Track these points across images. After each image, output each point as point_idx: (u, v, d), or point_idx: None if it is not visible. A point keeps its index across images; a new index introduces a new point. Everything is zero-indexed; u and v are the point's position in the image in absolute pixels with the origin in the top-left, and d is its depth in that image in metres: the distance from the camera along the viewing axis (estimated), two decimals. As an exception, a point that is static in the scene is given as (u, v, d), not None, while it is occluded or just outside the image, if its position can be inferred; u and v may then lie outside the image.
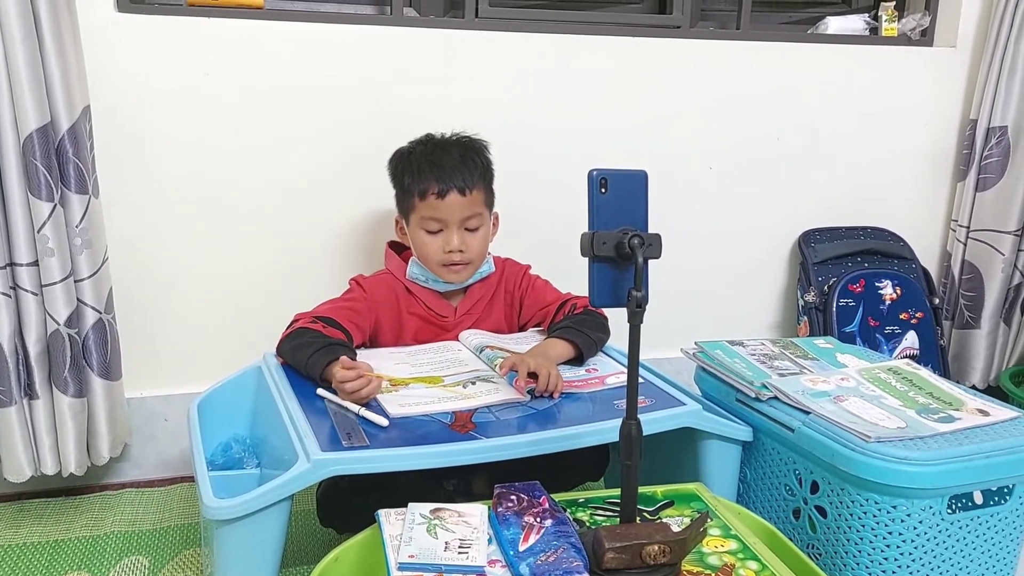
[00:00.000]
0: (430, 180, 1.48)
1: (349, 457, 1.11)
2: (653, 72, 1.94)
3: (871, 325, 2.01)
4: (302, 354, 1.37)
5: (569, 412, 1.28)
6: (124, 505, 1.66)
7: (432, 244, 1.50)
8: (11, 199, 1.44)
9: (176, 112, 1.67)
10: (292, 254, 1.80)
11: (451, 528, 1.05)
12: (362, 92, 1.77)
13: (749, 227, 2.10)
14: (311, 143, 1.76)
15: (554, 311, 1.56)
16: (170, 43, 1.64)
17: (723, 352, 1.50)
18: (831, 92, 2.08)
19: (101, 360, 1.58)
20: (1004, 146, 2.08)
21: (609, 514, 1.14)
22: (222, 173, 1.72)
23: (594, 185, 0.99)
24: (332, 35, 1.73)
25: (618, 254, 0.99)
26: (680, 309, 2.04)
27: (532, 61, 1.86)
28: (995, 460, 1.18)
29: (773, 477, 1.35)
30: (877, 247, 2.11)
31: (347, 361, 1.32)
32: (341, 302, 1.54)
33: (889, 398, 1.32)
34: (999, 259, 2.10)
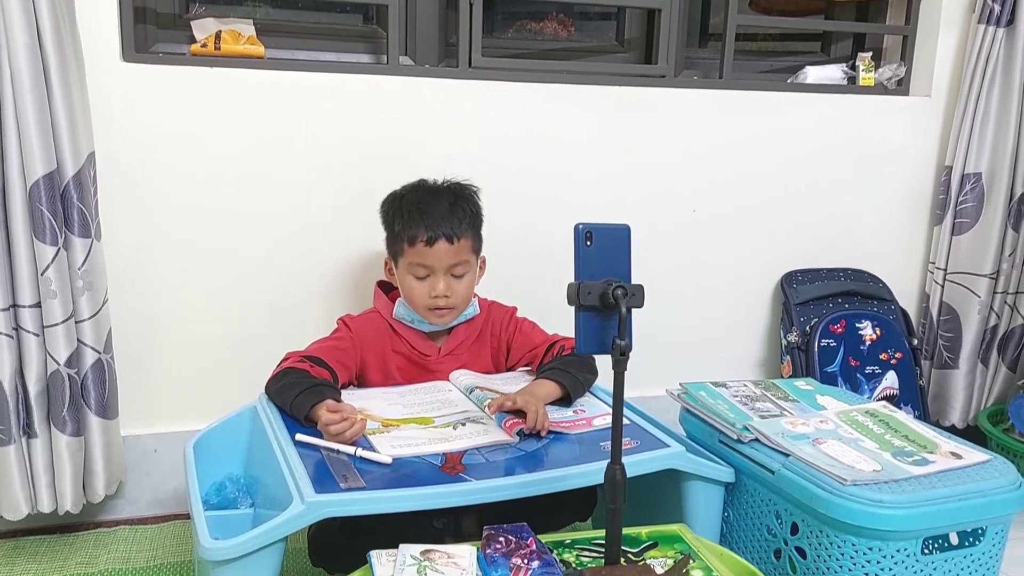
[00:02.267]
0: (419, 227, 1.53)
1: (343, 499, 1.14)
2: (639, 119, 2.00)
3: (852, 365, 2.06)
4: (288, 395, 1.42)
5: (556, 453, 1.32)
6: (118, 543, 1.69)
7: (419, 289, 1.55)
8: (16, 242, 1.48)
9: (177, 158, 1.72)
10: (286, 295, 1.84)
11: (440, 569, 1.08)
12: (358, 138, 1.82)
13: (733, 268, 2.16)
14: (307, 187, 1.81)
15: (543, 352, 1.61)
16: (172, 91, 1.70)
17: (707, 393, 1.55)
18: (811, 139, 2.15)
19: (99, 399, 1.61)
20: (978, 192, 2.15)
21: (595, 555, 1.17)
22: (220, 217, 1.77)
23: (580, 238, 1.04)
24: (330, 84, 1.79)
25: (603, 304, 1.04)
26: (667, 348, 2.09)
27: (523, 109, 1.92)
28: (967, 503, 1.23)
29: (754, 518, 1.39)
30: (857, 288, 2.16)
31: (332, 404, 1.36)
32: (329, 341, 1.58)
33: (866, 441, 1.37)
34: (976, 301, 2.16)
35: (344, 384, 1.56)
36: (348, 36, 1.97)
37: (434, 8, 1.96)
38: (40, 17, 1.46)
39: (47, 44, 1.47)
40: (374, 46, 1.95)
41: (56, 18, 1.48)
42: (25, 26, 1.44)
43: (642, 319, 1.98)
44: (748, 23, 2.22)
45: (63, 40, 1.49)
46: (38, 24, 1.46)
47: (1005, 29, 2.09)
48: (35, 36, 1.46)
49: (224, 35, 1.77)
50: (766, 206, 2.15)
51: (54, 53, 1.48)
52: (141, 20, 1.76)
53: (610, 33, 2.19)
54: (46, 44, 1.47)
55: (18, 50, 1.44)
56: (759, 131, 2.10)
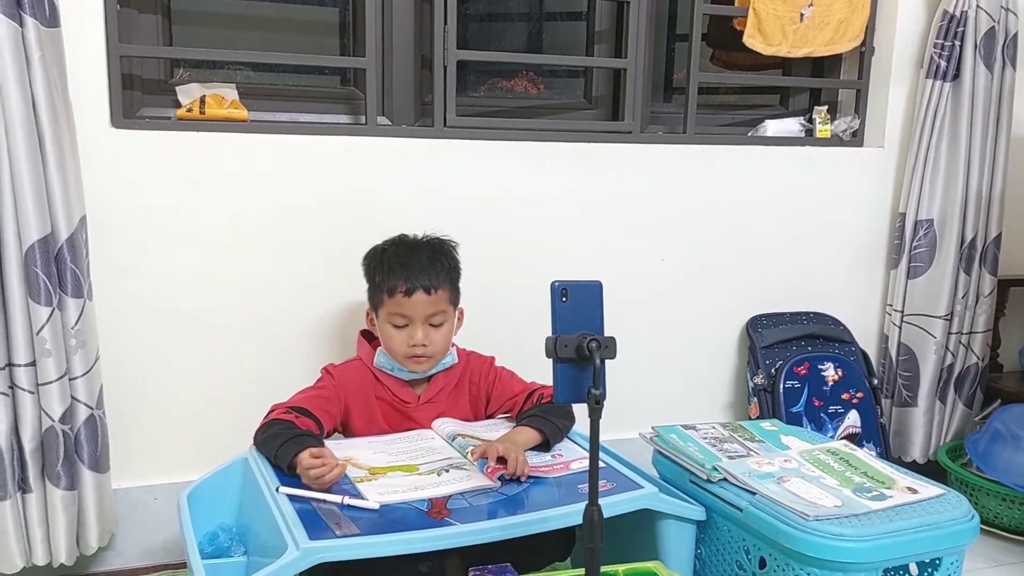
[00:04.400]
0: (399, 279, 1.61)
1: (336, 545, 1.20)
2: (608, 174, 2.10)
3: (816, 405, 2.15)
4: (272, 445, 1.48)
5: (536, 497, 1.39)
6: (109, 594, 1.72)
7: (397, 337, 1.63)
8: (12, 304, 1.54)
9: (164, 220, 1.79)
10: (272, 347, 1.90)
11: (431, 609, 1.14)
12: (339, 197, 1.90)
13: (700, 315, 2.25)
14: (291, 246, 1.88)
15: (522, 400, 1.68)
16: (159, 156, 1.77)
17: (677, 436, 1.63)
18: (772, 189, 2.26)
19: (92, 453, 1.65)
20: (931, 237, 2.27)
21: (575, 592, 1.24)
22: (205, 276, 1.83)
23: (556, 295, 1.12)
24: (311, 145, 1.87)
25: (578, 356, 1.12)
26: (640, 393, 2.16)
27: (497, 166, 2.01)
28: (922, 535, 1.31)
29: (725, 553, 1.46)
30: (819, 331, 2.26)
31: (313, 450, 1.42)
32: (312, 391, 1.65)
33: (828, 478, 1.45)
34: (932, 341, 2.27)
35: (329, 431, 1.62)
36: (327, 98, 2.05)
37: (410, 69, 2.05)
38: (35, 91, 1.52)
39: (42, 116, 1.54)
40: (352, 107, 2.04)
41: (50, 90, 1.54)
42: (21, 101, 1.50)
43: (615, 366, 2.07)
44: (709, 79, 2.34)
45: (56, 110, 1.56)
46: (34, 98, 1.53)
47: (951, 83, 2.23)
48: (31, 109, 1.52)
49: (208, 99, 1.85)
50: (731, 254, 2.25)
51: (48, 123, 1.54)
52: (128, 87, 1.84)
53: (578, 91, 2.30)
54: (41, 116, 1.54)
55: (15, 124, 1.51)
56: (723, 182, 2.21)
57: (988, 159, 2.26)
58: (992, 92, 2.23)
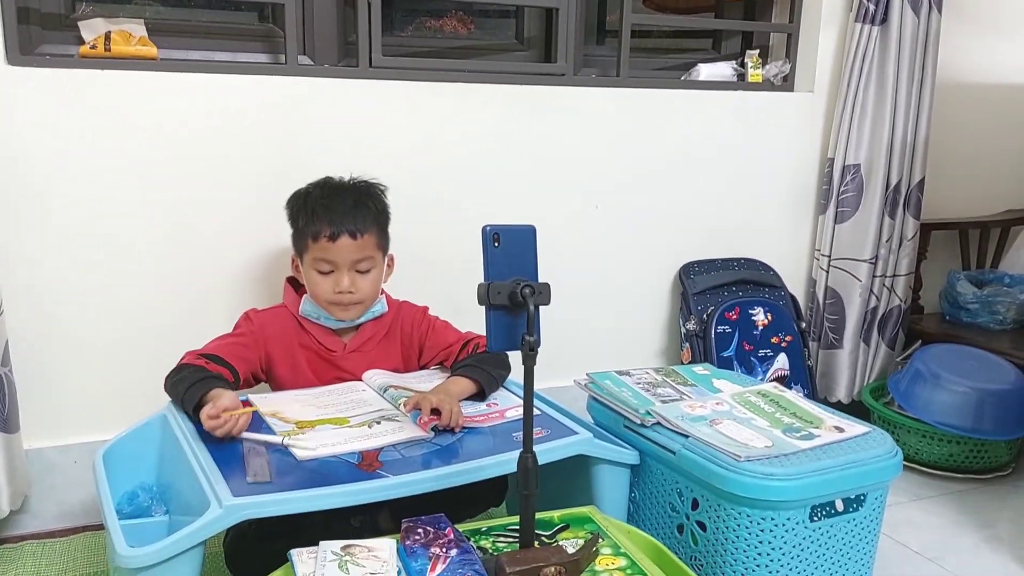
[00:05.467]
0: (322, 224, 1.55)
1: (261, 501, 1.16)
2: (540, 117, 2.06)
3: (746, 349, 2.18)
4: (179, 389, 1.43)
5: (471, 446, 1.36)
6: (25, 558, 1.65)
7: (323, 284, 1.57)
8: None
9: (69, 164, 1.68)
10: (191, 296, 1.82)
11: (361, 563, 1.11)
12: (258, 139, 1.81)
13: (633, 261, 2.24)
14: (208, 189, 1.79)
15: (457, 350, 1.65)
16: (62, 95, 1.66)
17: (611, 382, 1.62)
18: (704, 134, 2.25)
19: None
20: (858, 182, 2.29)
21: (510, 540, 1.23)
22: (117, 221, 1.74)
23: (488, 240, 1.08)
24: (228, 85, 1.78)
25: (512, 303, 1.08)
26: (574, 339, 2.16)
27: (425, 108, 1.95)
28: (848, 472, 1.33)
29: (658, 496, 1.46)
30: (750, 277, 2.28)
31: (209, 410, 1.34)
32: (229, 338, 1.59)
33: (758, 419, 1.46)
34: (857, 285, 2.31)
35: (245, 379, 1.57)
36: (244, 35, 1.95)
37: (331, 6, 1.96)
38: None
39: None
40: (271, 45, 1.94)
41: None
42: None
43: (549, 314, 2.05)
44: (642, 21, 2.30)
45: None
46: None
47: (880, 27, 2.23)
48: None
49: (114, 36, 1.73)
50: (663, 200, 2.24)
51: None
52: (25, 21, 1.71)
53: (509, 31, 2.24)
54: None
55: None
56: (655, 127, 2.19)
57: (914, 104, 2.28)
58: (919, 36, 2.25)
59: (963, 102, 2.57)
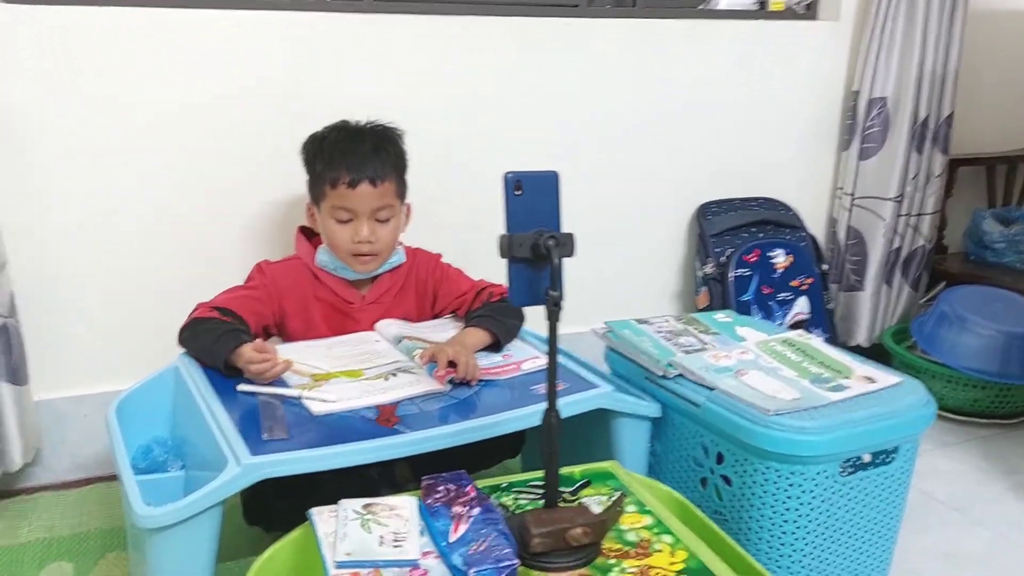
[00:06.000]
0: (341, 169, 1.49)
1: (280, 459, 1.13)
2: (551, 52, 1.98)
3: (765, 293, 2.13)
4: (203, 341, 1.40)
5: (488, 399, 1.33)
6: (40, 510, 1.64)
7: (341, 233, 1.52)
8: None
9: (70, 108, 1.62)
10: (199, 244, 1.78)
11: (384, 522, 1.08)
12: (259, 79, 1.75)
13: (648, 201, 2.18)
14: (215, 131, 1.74)
15: (471, 299, 1.60)
16: (59, 35, 1.58)
17: (631, 331, 1.58)
18: (723, 66, 2.16)
19: (7, 364, 1.54)
20: (884, 117, 2.21)
21: (532, 497, 1.20)
22: (121, 167, 1.68)
23: (509, 187, 1.02)
24: (224, 21, 1.70)
25: (534, 255, 1.03)
26: (587, 283, 2.11)
27: (433, 44, 1.86)
28: (880, 425, 1.29)
29: (681, 450, 1.43)
30: (769, 217, 2.22)
31: (257, 343, 1.36)
32: (240, 291, 1.54)
33: (785, 369, 1.42)
34: (881, 224, 2.25)
35: (257, 334, 1.52)
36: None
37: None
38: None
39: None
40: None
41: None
42: None
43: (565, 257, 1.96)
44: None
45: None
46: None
47: (911, -47, 2.13)
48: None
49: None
50: (680, 137, 2.16)
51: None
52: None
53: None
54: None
55: None
56: (672, 60, 2.10)
57: (944, 35, 2.19)
58: (951, -38, 2.14)
59: (994, 31, 2.47)
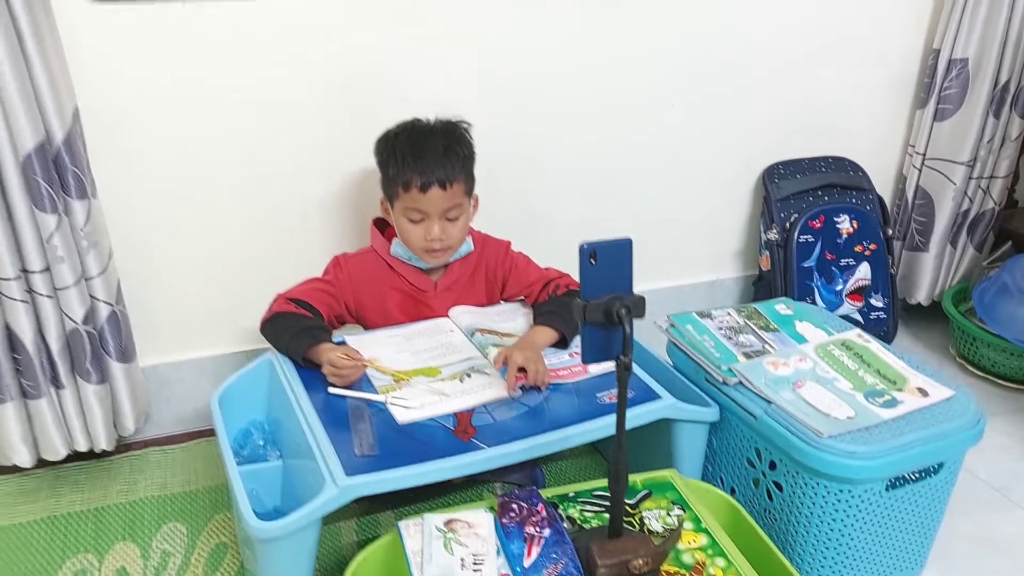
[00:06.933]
0: (413, 174, 1.56)
1: (372, 480, 1.25)
2: (620, 14, 1.94)
3: (828, 259, 2.16)
4: (283, 336, 1.53)
5: (557, 407, 1.43)
6: (151, 467, 1.82)
7: (414, 232, 1.60)
8: (17, 212, 1.49)
9: (159, 100, 1.68)
10: (278, 221, 1.86)
11: (464, 542, 1.22)
12: (335, 63, 1.78)
13: (716, 160, 2.19)
14: (293, 117, 1.79)
15: (538, 290, 1.68)
16: (146, 30, 1.63)
17: (693, 327, 1.65)
18: (797, 19, 2.11)
19: (118, 347, 1.68)
20: (963, 78, 2.15)
21: (596, 509, 1.32)
22: (208, 153, 1.76)
23: (584, 257, 1.09)
24: (306, 3, 1.72)
25: (607, 319, 1.10)
26: (651, 242, 2.16)
27: (495, 11, 1.86)
28: (930, 446, 1.36)
29: (737, 449, 1.53)
30: (837, 180, 2.21)
31: (348, 349, 1.49)
32: (316, 283, 1.65)
33: (841, 380, 1.49)
34: (951, 188, 2.23)
35: (329, 321, 1.64)
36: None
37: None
38: (4, -26, 1.39)
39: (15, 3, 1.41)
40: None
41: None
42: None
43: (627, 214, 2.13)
44: None
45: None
46: (3, -17, 1.39)
47: (1006, -98, 2.01)
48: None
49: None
50: (748, 93, 2.14)
51: (25, 15, 1.42)
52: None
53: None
54: (14, 4, 1.41)
55: (-13, 17, 1.38)
56: (743, 15, 2.05)
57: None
58: (1051, -83, 2.02)
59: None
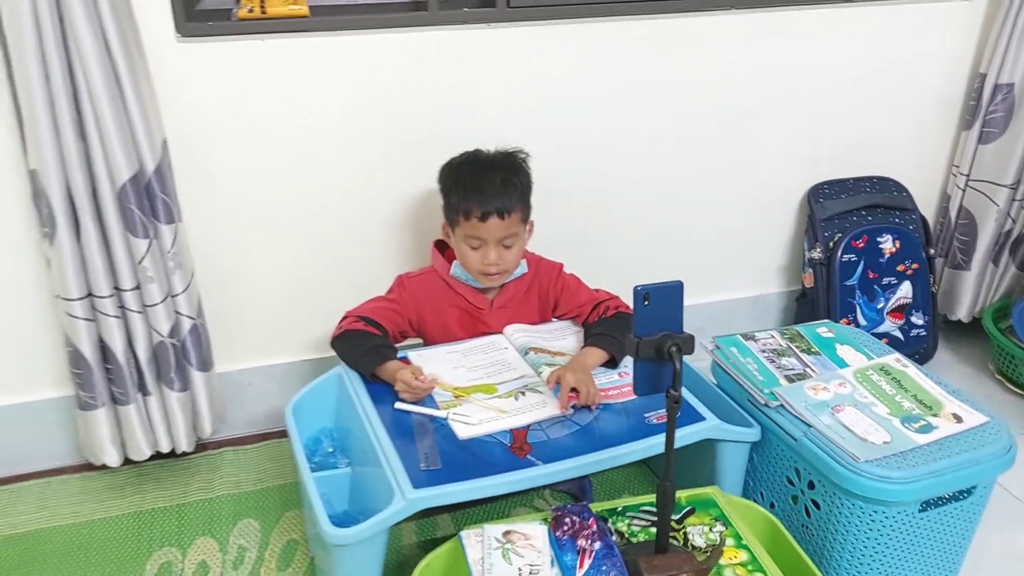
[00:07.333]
0: (474, 204, 1.67)
1: (437, 493, 1.37)
2: (672, 48, 2.03)
3: (870, 278, 2.22)
4: (352, 354, 1.66)
5: (606, 426, 1.54)
6: (226, 466, 1.96)
7: (473, 256, 1.71)
8: (112, 237, 1.63)
9: (236, 130, 1.81)
10: (347, 241, 1.99)
11: (521, 552, 1.33)
12: (403, 94, 1.89)
13: (761, 180, 2.26)
14: (361, 145, 1.91)
15: (588, 311, 1.79)
16: (225, 66, 1.75)
17: (737, 349, 1.74)
18: (846, 47, 2.16)
19: (198, 357, 1.82)
20: (1009, 103, 2.19)
21: (643, 524, 1.42)
22: (280, 178, 1.88)
23: (638, 299, 1.19)
24: (373, 43, 1.83)
25: (658, 355, 1.20)
26: (699, 256, 2.26)
27: (558, 49, 1.95)
28: (963, 472, 1.44)
29: (777, 468, 1.62)
30: (880, 201, 2.26)
31: (416, 369, 1.60)
32: (382, 301, 1.78)
33: (879, 405, 1.56)
34: (994, 209, 2.27)
35: (394, 336, 1.76)
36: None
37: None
38: (103, 20, 1.51)
39: (114, 46, 1.53)
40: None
41: (116, 15, 1.52)
42: (92, 37, 1.50)
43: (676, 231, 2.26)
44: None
45: (126, 36, 1.55)
46: (103, 28, 1.51)
47: (1055, -71, 2.04)
48: (102, 43, 1.52)
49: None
50: (797, 116, 2.20)
51: (121, 55, 1.54)
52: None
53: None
54: (113, 47, 1.53)
55: (90, 61, 1.51)
56: (792, 48, 2.12)
57: (1082, 21, 2.12)
58: (1101, -55, 2.05)
59: None
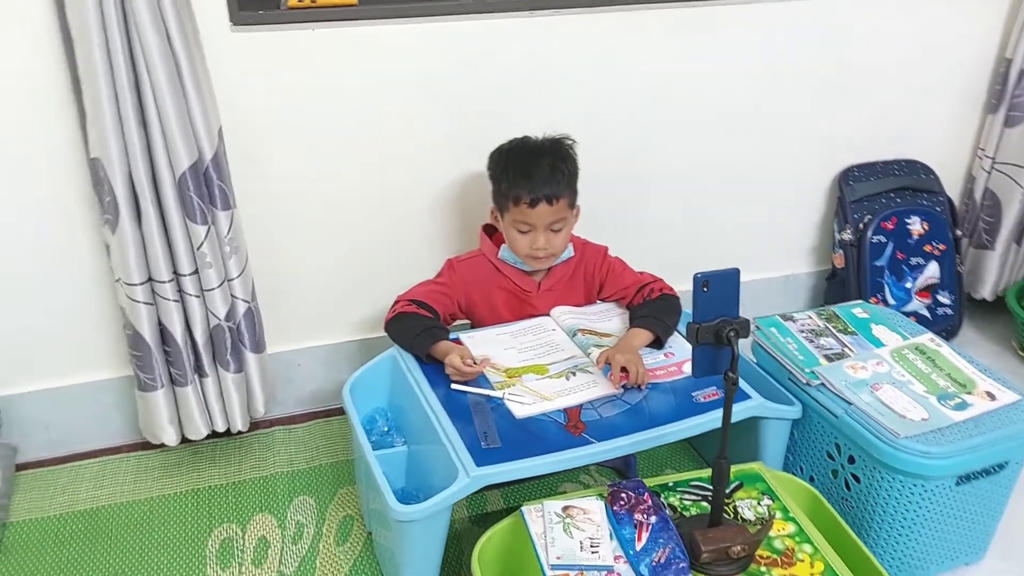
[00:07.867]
0: (523, 190, 1.72)
1: (499, 470, 1.43)
2: (709, 33, 2.07)
3: (899, 258, 2.28)
4: (406, 336, 1.72)
5: (656, 405, 1.59)
6: (278, 445, 2.02)
7: (521, 240, 1.77)
8: (172, 224, 1.68)
9: (286, 116, 1.85)
10: (393, 225, 2.04)
11: (581, 526, 1.39)
12: (453, 80, 1.93)
13: (794, 163, 2.31)
14: (410, 135, 1.96)
15: (632, 293, 1.84)
16: (280, 51, 1.80)
17: (777, 330, 1.79)
18: (878, 33, 2.20)
19: (252, 339, 1.88)
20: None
21: (694, 498, 1.48)
22: (332, 164, 1.93)
23: (697, 286, 1.24)
24: (422, 30, 1.87)
25: (716, 340, 1.26)
26: (733, 238, 2.31)
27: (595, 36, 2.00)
28: (997, 447, 1.51)
29: (818, 443, 1.68)
30: (909, 183, 2.32)
31: (466, 351, 1.65)
32: (432, 284, 1.83)
33: (915, 383, 1.63)
34: (1018, 191, 2.32)
35: (444, 319, 1.81)
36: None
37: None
38: (165, 13, 1.55)
39: (173, 34, 1.58)
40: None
41: (176, 4, 1.57)
42: (154, 31, 1.54)
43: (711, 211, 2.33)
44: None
45: (185, 28, 1.59)
46: (164, 21, 1.56)
47: (1083, -87, 2.08)
48: (162, 29, 1.56)
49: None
50: (830, 100, 2.25)
51: (181, 47, 1.59)
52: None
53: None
54: (174, 40, 1.58)
55: (151, 50, 1.55)
56: (820, 22, 2.15)
57: (1110, 4, 2.16)
58: None
59: None
